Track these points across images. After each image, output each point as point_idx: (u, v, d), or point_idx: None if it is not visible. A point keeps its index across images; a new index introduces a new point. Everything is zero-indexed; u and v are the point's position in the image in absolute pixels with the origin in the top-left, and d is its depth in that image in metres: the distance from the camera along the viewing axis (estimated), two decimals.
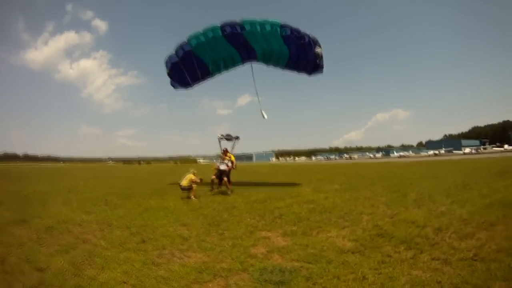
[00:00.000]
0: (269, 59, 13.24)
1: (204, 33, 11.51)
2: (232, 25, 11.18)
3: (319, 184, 14.21)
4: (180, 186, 10.52)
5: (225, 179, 11.83)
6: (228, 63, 13.59)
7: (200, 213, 7.62)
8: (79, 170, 46.74)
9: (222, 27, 11.24)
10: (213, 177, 11.98)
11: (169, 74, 13.33)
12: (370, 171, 23.50)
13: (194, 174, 10.76)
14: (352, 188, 11.95)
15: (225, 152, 12.77)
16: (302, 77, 13.73)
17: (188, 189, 10.46)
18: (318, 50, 11.66)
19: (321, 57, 12.18)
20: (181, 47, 12.07)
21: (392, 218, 6.56)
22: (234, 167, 12.48)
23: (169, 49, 12.67)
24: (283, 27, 11.02)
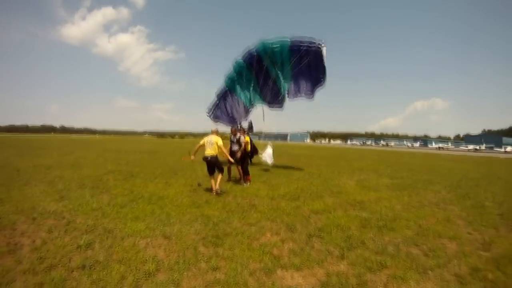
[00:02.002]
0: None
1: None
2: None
3: (363, 176, 11.96)
4: (206, 158, 7.58)
5: (238, 167, 9.39)
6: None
7: (200, 214, 5.56)
8: (106, 142, 48.29)
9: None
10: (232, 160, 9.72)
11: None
12: (417, 163, 20.95)
13: (217, 133, 7.92)
14: (406, 185, 9.73)
15: (241, 130, 10.07)
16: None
17: (215, 165, 7.55)
18: None
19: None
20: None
21: (489, 251, 4.18)
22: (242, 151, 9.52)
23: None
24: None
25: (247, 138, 10.10)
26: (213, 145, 7.53)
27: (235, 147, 9.45)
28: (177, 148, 32.73)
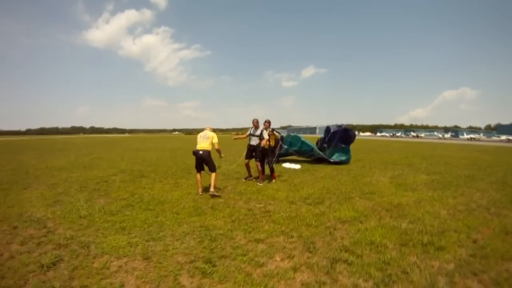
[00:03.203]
0: None
1: None
2: None
3: (398, 171, 10.75)
4: (196, 152, 7.07)
5: (256, 162, 8.50)
6: None
7: (200, 224, 4.74)
8: (132, 140, 49.65)
9: None
10: (246, 160, 8.97)
11: None
12: (452, 155, 19.30)
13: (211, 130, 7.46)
14: (447, 183, 8.51)
15: (266, 123, 8.85)
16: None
17: (205, 162, 7.02)
18: None
19: None
20: None
21: None
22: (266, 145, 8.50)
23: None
24: None
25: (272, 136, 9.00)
26: (208, 139, 7.13)
27: (254, 141, 8.57)
28: None
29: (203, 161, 7.05)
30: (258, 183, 8.19)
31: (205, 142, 7.10)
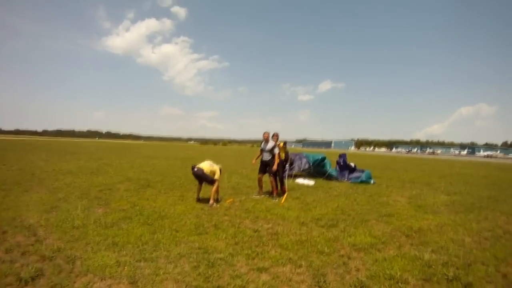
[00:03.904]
0: None
1: None
2: None
3: (416, 191, 10.47)
4: (193, 168, 7.27)
5: (271, 178, 8.36)
6: None
7: (199, 245, 4.36)
8: (146, 148, 50.30)
9: None
10: (259, 175, 8.66)
11: None
12: (470, 173, 19.15)
13: (212, 166, 7.56)
14: (469, 205, 8.14)
15: (275, 136, 8.72)
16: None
17: (201, 178, 7.28)
18: None
19: None
20: None
21: None
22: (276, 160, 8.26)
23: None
24: None
25: (281, 145, 8.81)
26: (211, 167, 7.41)
27: (267, 157, 8.30)
28: (214, 155, 32.46)
29: (198, 177, 7.31)
30: (272, 199, 8.01)
31: (207, 167, 7.33)
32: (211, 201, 7.00)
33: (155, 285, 3.10)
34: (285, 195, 8.41)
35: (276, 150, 8.19)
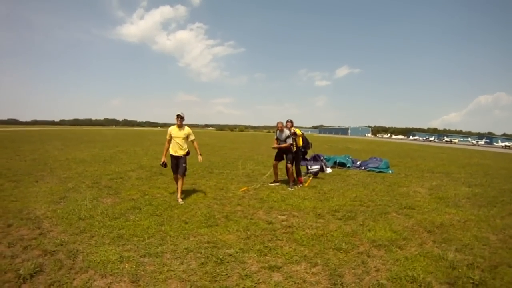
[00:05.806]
0: None
1: None
2: None
3: (436, 181, 10.08)
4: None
5: (288, 165, 8.07)
6: None
7: (208, 239, 4.18)
8: (161, 134, 50.88)
9: None
10: (275, 162, 8.48)
11: None
12: (490, 164, 18.41)
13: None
14: (491, 198, 7.68)
15: (288, 123, 8.47)
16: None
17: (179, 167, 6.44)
18: None
19: None
20: None
21: None
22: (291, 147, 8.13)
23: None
24: None
25: (298, 131, 8.46)
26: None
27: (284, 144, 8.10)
28: (228, 141, 32.47)
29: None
30: (289, 188, 7.87)
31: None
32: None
33: (157, 284, 2.94)
34: (309, 179, 8.64)
35: (290, 140, 7.99)
